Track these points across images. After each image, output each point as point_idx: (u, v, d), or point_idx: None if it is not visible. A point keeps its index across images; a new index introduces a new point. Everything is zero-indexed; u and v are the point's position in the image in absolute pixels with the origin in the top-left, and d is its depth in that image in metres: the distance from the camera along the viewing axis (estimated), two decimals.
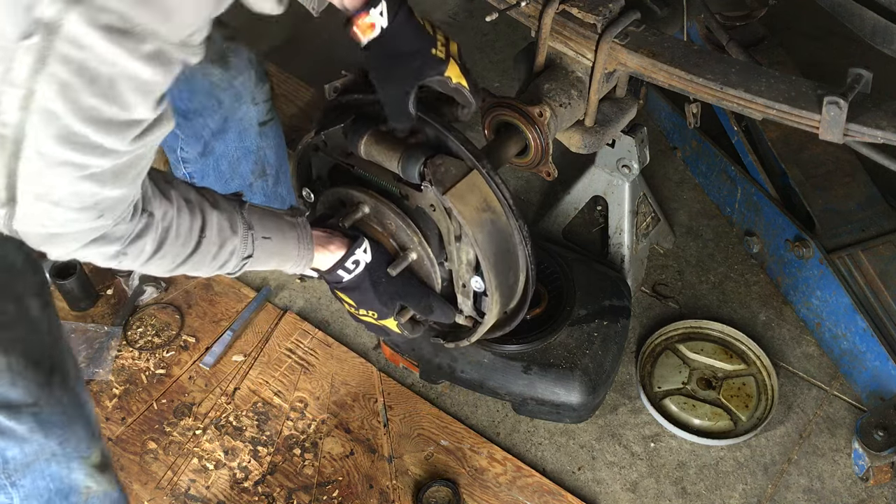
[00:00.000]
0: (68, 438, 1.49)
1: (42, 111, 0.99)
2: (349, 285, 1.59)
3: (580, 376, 2.09)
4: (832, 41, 3.00)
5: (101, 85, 0.98)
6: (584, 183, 2.38)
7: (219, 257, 1.37)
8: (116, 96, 1.00)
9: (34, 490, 1.49)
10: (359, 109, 1.61)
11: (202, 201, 1.33)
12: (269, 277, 2.51)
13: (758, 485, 2.12)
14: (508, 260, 1.64)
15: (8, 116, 0.99)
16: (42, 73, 0.95)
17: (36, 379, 1.40)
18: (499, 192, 1.58)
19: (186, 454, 2.17)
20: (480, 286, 1.65)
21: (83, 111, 0.99)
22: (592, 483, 2.13)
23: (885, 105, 1.51)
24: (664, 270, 2.53)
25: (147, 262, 1.27)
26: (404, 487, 2.11)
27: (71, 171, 1.05)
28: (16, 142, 1.01)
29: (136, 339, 2.38)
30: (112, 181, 1.10)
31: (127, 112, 1.02)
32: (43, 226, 1.13)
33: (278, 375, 2.31)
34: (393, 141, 1.56)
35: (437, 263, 1.66)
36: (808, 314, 2.36)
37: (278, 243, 1.46)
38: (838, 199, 2.39)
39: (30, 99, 0.97)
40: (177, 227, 1.28)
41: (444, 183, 1.52)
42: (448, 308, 1.71)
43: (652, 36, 1.73)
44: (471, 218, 1.55)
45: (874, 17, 1.59)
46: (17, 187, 1.07)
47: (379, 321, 1.68)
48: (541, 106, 1.76)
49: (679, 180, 2.73)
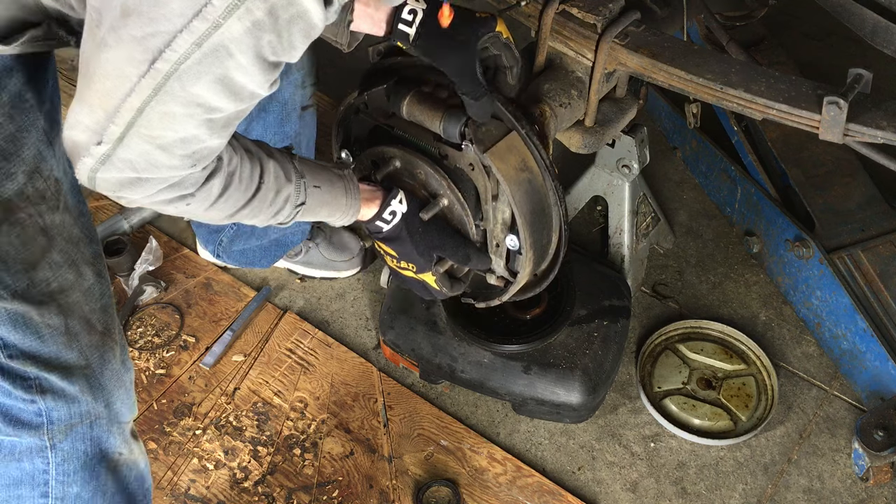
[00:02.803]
0: (113, 402, 1.54)
1: (214, 48, 1.03)
2: (389, 235, 1.65)
3: (580, 376, 2.09)
4: (832, 41, 3.01)
5: (282, 24, 1.05)
6: (584, 183, 2.38)
7: (275, 203, 1.43)
8: (288, 38, 1.07)
9: (72, 453, 1.53)
10: (400, 72, 1.65)
11: (259, 151, 1.40)
12: (270, 277, 2.51)
13: (758, 485, 2.12)
14: (543, 219, 1.70)
15: (175, 52, 1.03)
16: (239, 9, 1.01)
17: (90, 342, 1.46)
18: (536, 153, 1.64)
19: (186, 454, 2.17)
20: (515, 244, 1.71)
21: (258, 50, 1.06)
22: (592, 483, 2.13)
23: (885, 105, 1.51)
24: (664, 270, 2.53)
25: (211, 206, 1.32)
26: (404, 487, 2.11)
27: (200, 113, 1.10)
28: (166, 76, 1.05)
29: (135, 338, 2.38)
30: (220, 130, 1.16)
31: (289, 54, 1.10)
32: (135, 170, 1.16)
33: (278, 375, 2.31)
34: (434, 102, 1.61)
35: (473, 224, 1.70)
36: (808, 314, 2.36)
37: (328, 192, 1.52)
38: (838, 199, 2.39)
39: (210, 34, 1.02)
40: (240, 173, 1.33)
41: (484, 142, 1.58)
42: (484, 255, 1.74)
43: (652, 36, 1.73)
44: (509, 176, 1.61)
45: (874, 17, 1.59)
46: (133, 126, 1.10)
47: (418, 274, 1.72)
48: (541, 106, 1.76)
49: (679, 180, 2.73)
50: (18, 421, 1.46)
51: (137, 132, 1.11)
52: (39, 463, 1.51)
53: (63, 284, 1.39)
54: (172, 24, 1.01)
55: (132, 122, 1.10)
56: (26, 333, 1.37)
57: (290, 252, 2.46)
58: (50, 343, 1.40)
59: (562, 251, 1.78)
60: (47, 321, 1.38)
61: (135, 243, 2.52)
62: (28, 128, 1.28)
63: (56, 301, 1.39)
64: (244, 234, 2.33)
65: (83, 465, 1.55)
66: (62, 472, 1.53)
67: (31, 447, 1.49)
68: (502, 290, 1.83)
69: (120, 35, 1.03)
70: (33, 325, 1.37)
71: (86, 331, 1.45)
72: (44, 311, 1.37)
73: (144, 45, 1.03)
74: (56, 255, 1.37)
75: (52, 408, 1.46)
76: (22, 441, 1.49)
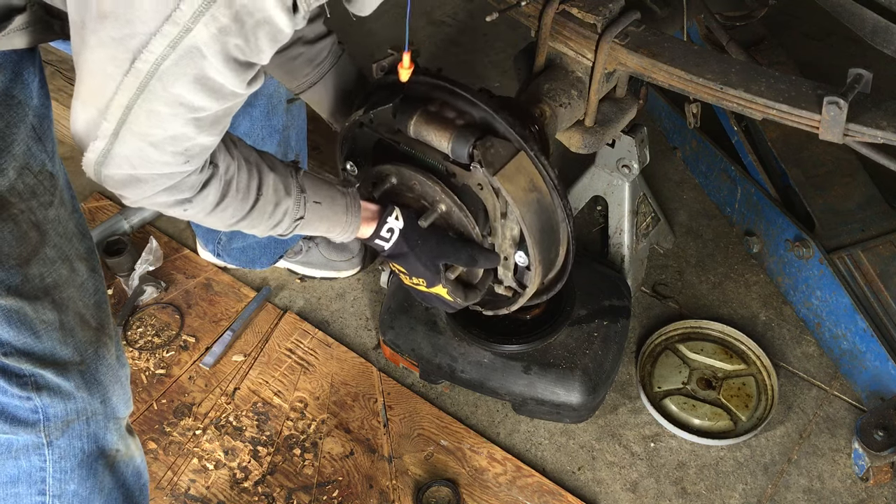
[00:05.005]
0: (108, 398, 1.54)
1: (188, 50, 1.08)
2: (392, 253, 1.67)
3: (580, 376, 2.09)
4: (832, 41, 3.01)
5: (248, 29, 1.09)
6: (584, 183, 2.38)
7: (274, 216, 1.46)
8: (255, 42, 1.11)
9: (69, 450, 1.53)
10: (405, 88, 1.66)
11: (260, 163, 1.43)
12: (270, 277, 2.51)
13: (758, 485, 2.12)
14: (552, 235, 1.72)
15: (152, 53, 1.08)
16: (205, 15, 1.05)
17: (84, 337, 1.46)
18: (544, 173, 1.65)
19: (186, 454, 2.17)
20: (524, 261, 1.73)
21: (227, 52, 1.10)
22: (592, 483, 2.13)
23: (885, 105, 1.51)
24: (664, 270, 2.53)
25: (210, 213, 1.36)
26: (404, 487, 2.11)
27: (184, 112, 1.15)
28: (148, 76, 1.10)
29: (136, 339, 2.38)
30: (208, 128, 1.20)
31: (258, 56, 1.14)
32: (133, 167, 1.22)
33: (278, 375, 2.31)
34: (442, 121, 1.62)
35: (481, 237, 1.72)
36: (808, 314, 2.36)
37: (328, 208, 1.55)
38: (838, 199, 2.39)
39: (182, 38, 1.07)
40: (237, 183, 1.37)
41: (493, 164, 1.59)
42: (492, 254, 1.75)
43: (652, 36, 1.73)
44: (518, 198, 1.62)
45: (874, 17, 1.59)
46: (125, 123, 1.15)
47: (429, 289, 1.73)
48: (541, 106, 1.76)
49: (679, 180, 2.73)
50: (14, 418, 1.46)
51: (129, 129, 1.16)
52: (36, 460, 1.51)
53: (57, 280, 1.40)
54: (147, 26, 1.06)
55: (123, 118, 1.15)
56: (21, 330, 1.38)
57: (290, 251, 2.46)
58: (45, 339, 1.41)
59: (570, 263, 1.80)
60: (42, 317, 1.39)
61: (135, 243, 2.52)
62: (17, 124, 1.30)
63: (50, 296, 1.39)
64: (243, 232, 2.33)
65: (80, 462, 1.55)
66: (59, 469, 1.53)
67: (28, 445, 1.49)
68: (511, 300, 1.85)
69: (100, 37, 1.09)
70: (28, 321, 1.38)
71: (80, 326, 1.45)
72: (38, 306, 1.38)
73: (125, 45, 1.08)
74: (49, 250, 1.38)
75: (47, 405, 1.46)
76: (18, 439, 1.49)
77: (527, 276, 1.76)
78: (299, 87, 1.76)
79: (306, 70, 1.74)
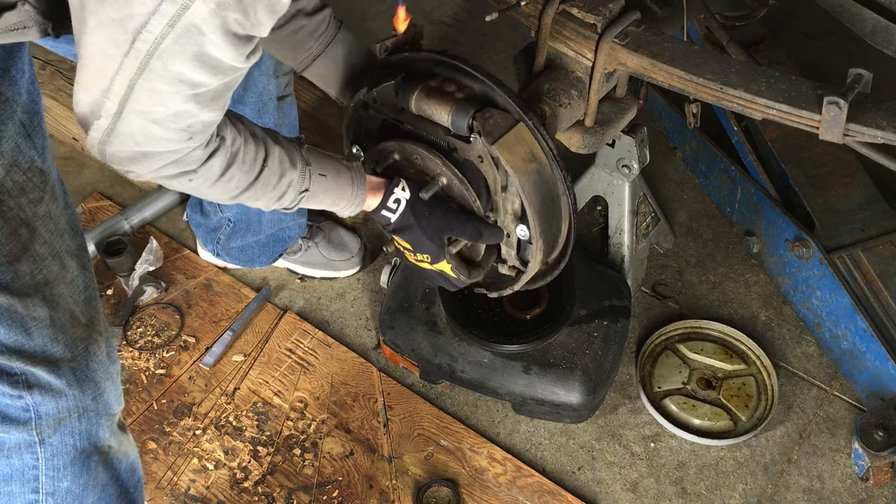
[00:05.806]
0: (101, 394, 1.54)
1: (187, 28, 1.09)
2: (398, 225, 1.66)
3: (580, 376, 2.09)
4: (832, 41, 3.01)
5: (247, 2, 1.09)
6: (584, 183, 2.38)
7: (278, 187, 1.46)
8: (255, 14, 1.12)
9: (61, 448, 1.53)
10: (408, 67, 1.67)
11: (266, 137, 1.43)
12: (270, 277, 2.51)
13: (758, 485, 2.12)
14: (552, 208, 1.71)
15: (151, 33, 1.09)
16: None
17: (75, 334, 1.46)
18: (544, 144, 1.65)
19: (186, 454, 2.17)
20: (525, 234, 1.72)
21: (226, 27, 1.10)
22: (592, 483, 2.13)
23: (885, 105, 1.51)
24: (664, 270, 2.53)
25: (214, 185, 1.36)
26: (404, 487, 2.11)
27: (185, 89, 1.16)
28: (148, 55, 1.11)
29: (135, 339, 2.38)
30: (209, 104, 1.21)
31: (256, 29, 1.14)
32: (137, 144, 1.23)
33: (278, 375, 2.31)
34: (442, 95, 1.63)
35: (483, 213, 1.72)
36: (808, 314, 2.36)
37: (333, 181, 1.55)
38: (838, 199, 2.39)
39: (181, 15, 1.07)
40: (243, 154, 1.37)
41: (492, 134, 1.59)
42: (496, 228, 1.75)
43: (652, 36, 1.73)
44: (517, 167, 1.62)
45: (874, 17, 1.59)
46: (128, 102, 1.17)
47: (434, 265, 1.73)
48: (541, 106, 1.76)
49: (679, 180, 2.73)
50: (6, 417, 1.46)
51: (132, 108, 1.17)
52: (29, 458, 1.51)
53: (48, 276, 1.40)
54: (145, 6, 1.07)
55: (125, 97, 1.16)
56: (11, 327, 1.38)
57: (290, 249, 2.46)
58: (36, 336, 1.41)
59: (571, 240, 1.79)
60: (32, 314, 1.39)
61: (135, 243, 2.52)
62: (5, 121, 1.31)
63: (41, 293, 1.39)
64: (241, 230, 2.34)
65: (73, 460, 1.55)
66: (52, 466, 1.53)
67: (20, 443, 1.49)
68: (514, 280, 1.84)
69: (100, 18, 1.09)
70: (18, 318, 1.38)
71: (71, 323, 1.45)
72: (28, 303, 1.38)
73: (124, 27, 1.09)
74: (39, 247, 1.38)
75: (39, 402, 1.46)
76: (10, 437, 1.48)
77: (529, 251, 1.75)
78: (303, 61, 1.75)
79: (309, 43, 1.73)
